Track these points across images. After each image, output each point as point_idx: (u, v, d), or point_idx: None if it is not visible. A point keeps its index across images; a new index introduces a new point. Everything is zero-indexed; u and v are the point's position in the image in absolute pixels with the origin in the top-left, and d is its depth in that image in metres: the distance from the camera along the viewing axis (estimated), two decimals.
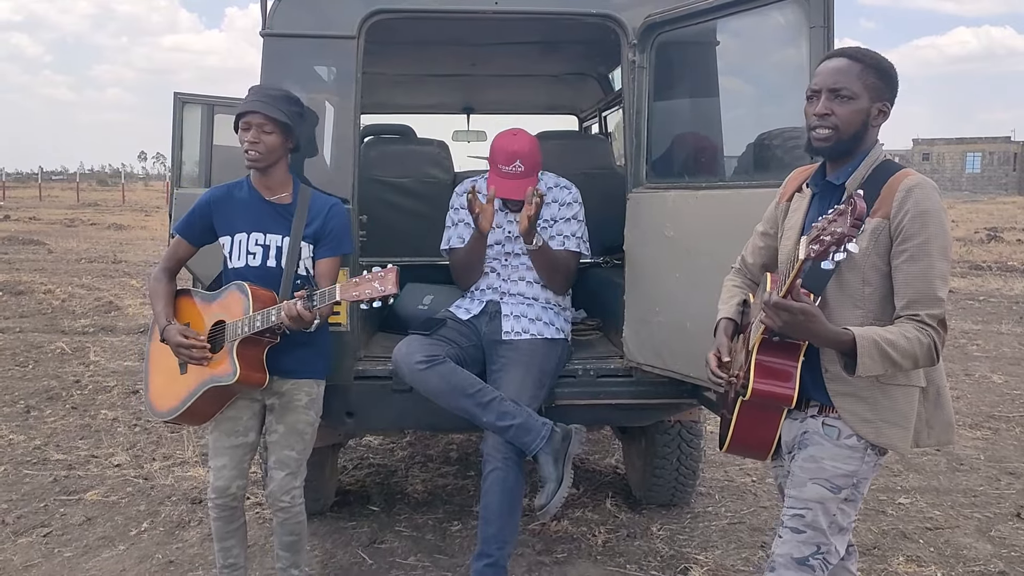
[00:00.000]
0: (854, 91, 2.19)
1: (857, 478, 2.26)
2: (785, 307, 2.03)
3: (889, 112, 2.24)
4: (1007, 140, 71.10)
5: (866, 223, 2.14)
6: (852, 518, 2.30)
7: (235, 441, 3.02)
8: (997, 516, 4.35)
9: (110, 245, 18.67)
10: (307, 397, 3.05)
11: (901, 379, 2.20)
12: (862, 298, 2.20)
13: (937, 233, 2.12)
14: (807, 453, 2.29)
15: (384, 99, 6.24)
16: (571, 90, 6.11)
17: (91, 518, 4.21)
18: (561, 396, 3.52)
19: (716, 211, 3.12)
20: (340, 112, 3.49)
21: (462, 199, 3.75)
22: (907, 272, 2.13)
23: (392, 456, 5.27)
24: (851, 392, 2.22)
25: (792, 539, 2.26)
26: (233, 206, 3.01)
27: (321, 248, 3.01)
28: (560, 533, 4.07)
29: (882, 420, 2.21)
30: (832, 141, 2.22)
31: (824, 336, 2.08)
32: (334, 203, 3.08)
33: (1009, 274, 14.30)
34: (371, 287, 2.65)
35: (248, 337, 2.83)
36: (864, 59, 2.22)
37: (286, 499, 3.06)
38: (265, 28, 3.39)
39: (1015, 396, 6.74)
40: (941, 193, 2.19)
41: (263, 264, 2.96)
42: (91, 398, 6.42)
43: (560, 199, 3.68)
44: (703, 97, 3.64)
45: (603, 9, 3.51)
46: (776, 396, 2.22)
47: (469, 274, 3.72)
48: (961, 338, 9.03)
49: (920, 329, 2.09)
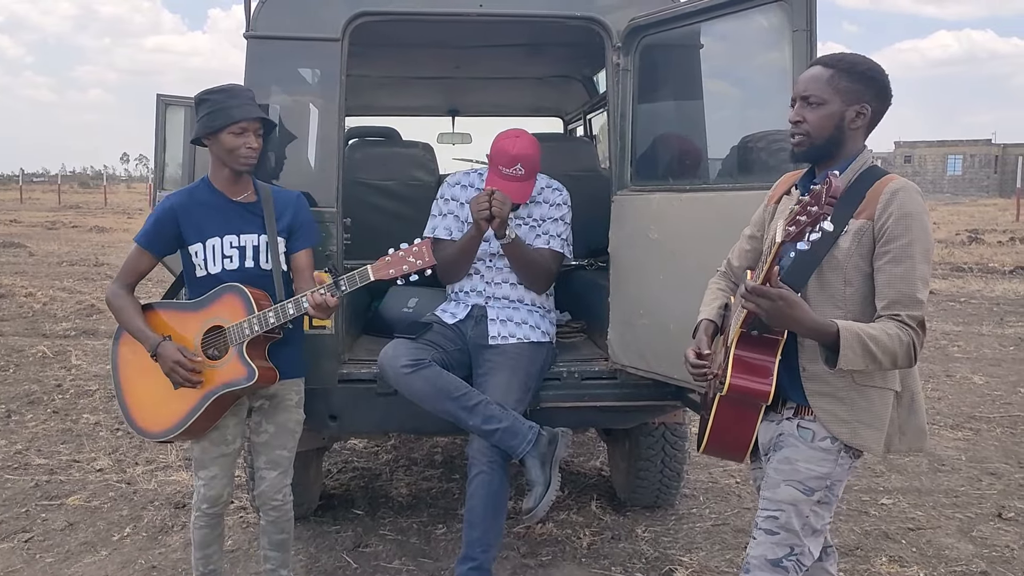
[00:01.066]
0: (823, 96, 2.23)
1: (831, 480, 2.27)
2: (763, 292, 2.03)
3: (868, 113, 2.25)
4: (988, 143, 71.77)
5: (850, 224, 2.18)
6: (826, 520, 2.31)
7: (224, 450, 3.00)
8: (978, 516, 4.38)
9: (92, 248, 18.54)
10: (296, 395, 3.06)
11: (878, 381, 2.22)
12: (843, 298, 2.22)
13: (920, 236, 2.14)
14: (782, 455, 2.31)
15: (369, 101, 6.23)
16: (556, 92, 6.12)
17: (73, 523, 4.18)
18: (546, 399, 3.52)
19: (700, 213, 3.13)
20: (324, 114, 3.48)
21: (454, 190, 3.74)
22: (889, 273, 2.15)
23: (376, 459, 5.26)
24: (828, 392, 2.24)
25: (766, 541, 2.28)
26: (198, 211, 2.93)
27: (295, 240, 2.99)
28: (545, 535, 4.07)
29: (858, 421, 2.23)
30: (805, 147, 2.28)
31: (807, 324, 2.08)
32: (298, 195, 3.08)
33: (990, 276, 14.42)
34: (407, 263, 2.69)
35: (253, 338, 2.81)
36: (837, 64, 2.25)
37: (279, 498, 3.05)
38: (249, 30, 3.38)
39: (996, 397, 6.80)
40: (924, 196, 2.21)
41: (241, 266, 2.93)
42: (73, 402, 6.37)
43: (551, 200, 3.69)
44: (687, 100, 3.65)
45: (587, 12, 3.52)
46: (753, 392, 2.23)
47: (457, 271, 3.70)
48: (942, 339, 9.10)
49: (901, 328, 2.11)
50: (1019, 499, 4.61)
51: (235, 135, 2.86)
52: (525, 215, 3.63)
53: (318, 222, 3.29)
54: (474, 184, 3.72)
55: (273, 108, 3.53)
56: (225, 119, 2.85)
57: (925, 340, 2.16)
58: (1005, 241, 20.64)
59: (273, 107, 3.53)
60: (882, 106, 2.27)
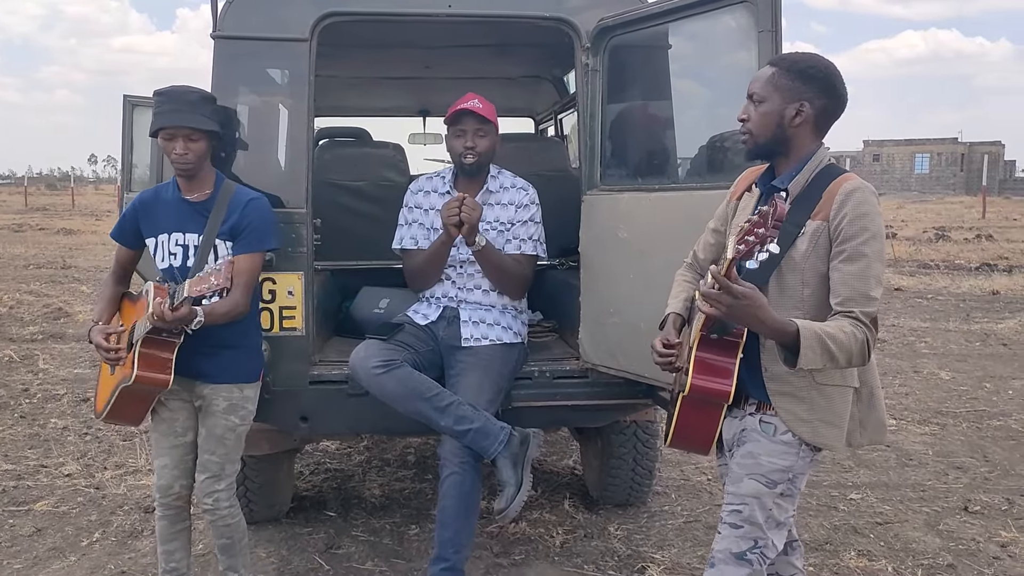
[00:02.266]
0: (762, 95, 2.28)
1: (792, 473, 2.30)
2: (728, 290, 2.03)
3: (809, 111, 2.25)
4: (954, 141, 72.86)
5: (807, 226, 2.21)
6: (790, 513, 2.35)
7: (174, 441, 3.01)
8: (945, 510, 4.45)
9: (59, 250, 18.28)
10: (225, 402, 2.99)
11: (837, 379, 2.25)
12: (801, 300, 2.25)
13: (874, 236, 2.17)
14: (745, 450, 2.34)
15: (338, 102, 6.20)
16: (526, 93, 6.13)
17: (41, 529, 4.13)
18: (518, 398, 3.53)
19: (669, 212, 3.15)
20: (293, 115, 3.46)
21: (417, 197, 3.73)
22: (844, 271, 2.17)
23: (349, 461, 5.24)
24: (789, 392, 2.27)
25: (730, 534, 2.31)
26: (157, 207, 3.00)
27: (239, 244, 2.94)
28: (518, 535, 4.07)
29: (819, 420, 2.26)
30: (750, 144, 2.33)
31: (768, 323, 2.08)
32: (253, 197, 3.00)
33: (956, 272, 14.62)
34: (208, 282, 2.62)
35: (152, 338, 2.79)
36: (780, 63, 2.29)
37: (208, 501, 3.03)
38: (216, 30, 3.36)
39: (962, 392, 6.90)
40: (898, 193, 2.23)
41: (183, 264, 2.94)
42: (40, 407, 6.29)
43: (517, 200, 3.66)
44: (656, 100, 3.67)
45: (556, 12, 3.53)
46: (713, 392, 2.26)
47: (426, 279, 3.69)
48: (910, 336, 9.23)
49: (855, 325, 2.13)
50: (984, 493, 4.68)
51: (166, 140, 2.88)
52: (492, 219, 3.62)
53: (287, 223, 3.28)
54: (437, 188, 3.71)
55: (242, 109, 3.51)
56: (155, 124, 2.89)
57: (878, 336, 2.19)
58: (971, 238, 20.93)
59: (242, 108, 3.51)
60: (830, 103, 2.28)
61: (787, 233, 2.21)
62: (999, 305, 11.34)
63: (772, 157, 2.34)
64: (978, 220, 28.85)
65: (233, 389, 3.01)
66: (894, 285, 13.07)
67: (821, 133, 2.31)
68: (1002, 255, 16.85)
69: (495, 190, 3.64)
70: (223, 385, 2.99)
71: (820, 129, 2.30)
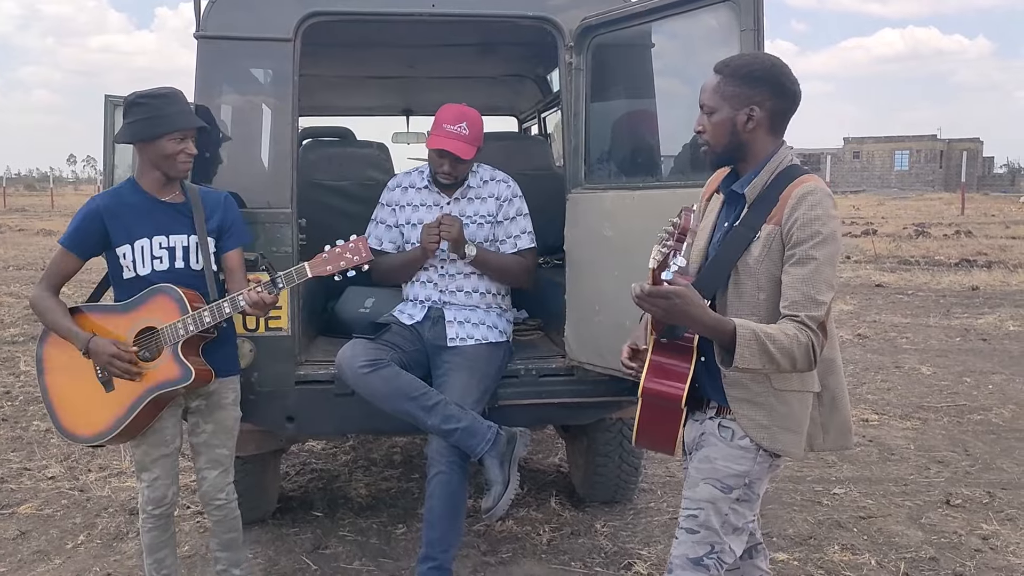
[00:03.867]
0: (712, 105, 2.25)
1: (749, 478, 2.27)
2: (656, 293, 1.99)
3: (760, 114, 2.22)
4: (933, 138, 73.42)
5: (762, 230, 2.19)
6: (748, 518, 2.31)
7: (164, 451, 2.98)
8: (927, 504, 4.49)
9: (39, 252, 18.12)
10: (232, 393, 3.05)
11: (795, 384, 2.22)
12: (756, 304, 2.21)
13: (825, 240, 2.13)
14: (702, 454, 2.32)
15: (322, 102, 6.19)
16: (510, 92, 6.14)
17: (25, 532, 4.10)
18: (504, 396, 3.54)
19: (653, 211, 3.15)
20: (277, 115, 3.46)
21: (393, 194, 3.73)
22: (793, 275, 2.14)
23: (335, 461, 5.23)
24: (747, 398, 2.24)
25: (687, 539, 2.28)
26: (127, 212, 2.90)
27: (226, 240, 2.98)
28: (505, 533, 4.09)
29: (777, 426, 2.24)
30: (709, 155, 2.32)
31: (703, 321, 2.05)
32: (226, 195, 3.06)
33: (936, 268, 14.74)
34: (344, 259, 2.70)
35: (188, 338, 2.79)
36: (724, 69, 2.26)
37: (222, 497, 3.05)
38: (199, 30, 3.34)
39: (943, 387, 6.97)
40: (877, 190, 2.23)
41: (172, 267, 2.91)
42: (22, 409, 6.24)
43: (499, 194, 3.66)
44: (640, 98, 3.69)
45: (539, 12, 3.54)
46: (665, 395, 2.23)
47: (394, 281, 3.77)
48: (891, 331, 9.30)
49: (800, 328, 2.09)
50: (966, 486, 4.73)
51: (175, 142, 2.84)
52: (472, 212, 3.62)
53: (272, 222, 3.28)
54: (415, 184, 3.70)
55: (225, 109, 3.50)
56: (167, 126, 2.83)
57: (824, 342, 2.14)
58: (951, 234, 21.11)
59: (225, 108, 3.50)
60: (780, 102, 2.24)
61: (743, 237, 2.22)
62: (978, 301, 11.45)
63: (734, 163, 2.32)
64: (957, 216, 29.08)
65: (235, 381, 3.08)
66: (875, 281, 13.19)
67: (778, 133, 2.28)
68: (981, 251, 17.01)
69: (475, 185, 3.65)
70: (229, 378, 3.04)
71: (775, 129, 2.27)
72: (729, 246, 2.25)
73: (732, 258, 2.22)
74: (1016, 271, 14.11)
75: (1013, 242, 19.40)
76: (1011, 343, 8.73)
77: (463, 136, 3.46)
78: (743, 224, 2.24)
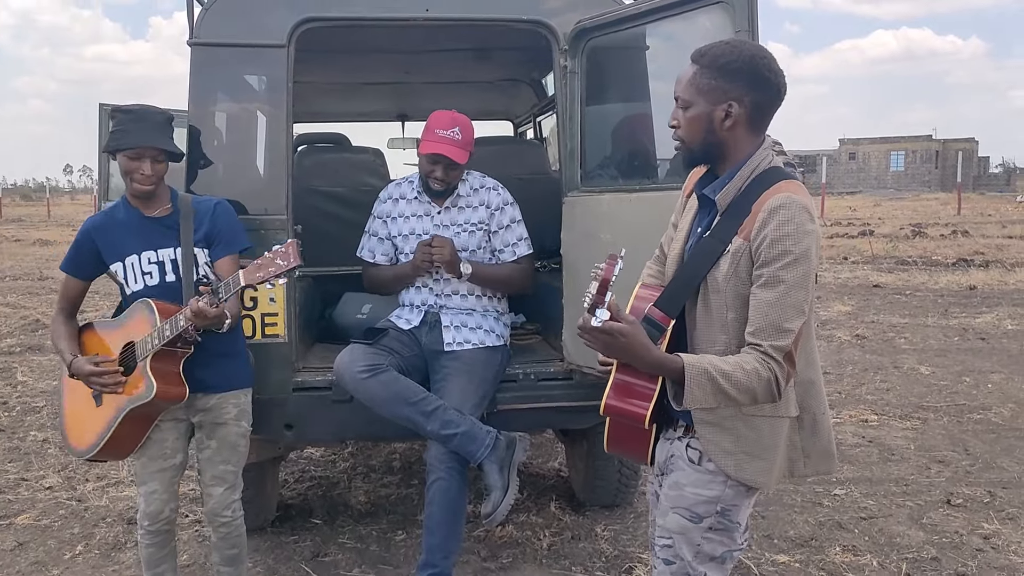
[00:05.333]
0: (687, 98, 2.06)
1: (721, 504, 2.10)
2: (598, 329, 1.88)
3: (739, 111, 2.02)
4: (929, 138, 73.55)
5: (731, 243, 2.01)
6: (729, 547, 2.15)
7: (163, 464, 2.96)
8: (928, 504, 4.48)
9: (36, 261, 18.11)
10: (235, 409, 3.00)
11: (767, 410, 2.05)
12: (725, 323, 2.04)
13: (797, 260, 1.93)
14: (672, 479, 2.18)
15: (317, 108, 6.18)
16: (505, 96, 6.14)
17: (23, 543, 4.08)
18: (503, 401, 3.53)
19: (650, 213, 3.15)
20: (272, 122, 3.45)
21: (384, 206, 3.73)
22: (759, 298, 1.96)
23: (334, 468, 5.22)
24: (714, 422, 2.07)
25: (664, 570, 2.17)
26: (116, 230, 2.92)
27: (216, 249, 2.95)
28: (505, 538, 4.07)
29: (744, 452, 2.07)
30: (684, 151, 2.12)
31: (646, 360, 1.93)
32: (218, 202, 3.02)
33: (934, 268, 14.75)
34: (275, 264, 2.59)
35: (161, 351, 2.76)
36: (701, 60, 2.06)
37: (227, 514, 3.02)
38: (193, 37, 3.34)
39: (942, 387, 6.96)
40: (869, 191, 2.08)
41: (162, 281, 2.90)
42: (19, 419, 6.22)
43: (490, 202, 3.65)
44: (635, 100, 3.69)
45: (534, 15, 3.54)
46: (628, 414, 2.06)
47: (386, 292, 3.80)
48: (889, 332, 9.30)
49: (761, 361, 1.92)
50: (967, 486, 4.72)
51: (129, 159, 2.83)
52: (462, 220, 3.62)
53: (268, 229, 3.26)
54: (405, 195, 3.70)
55: (220, 116, 3.49)
56: (122, 142, 2.83)
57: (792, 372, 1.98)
58: (947, 234, 21.13)
59: (220, 115, 3.50)
60: (761, 97, 2.04)
61: (712, 249, 2.04)
62: (976, 300, 11.45)
63: (711, 162, 2.12)
64: (954, 216, 29.13)
65: (240, 395, 3.02)
66: (872, 282, 13.19)
67: (759, 130, 2.07)
68: (978, 250, 17.02)
69: (464, 194, 3.64)
70: (231, 392, 3.00)
71: (756, 127, 2.06)
72: (697, 258, 2.08)
73: (699, 272, 2.06)
74: (1013, 270, 14.13)
75: (1010, 241, 19.43)
76: (1009, 342, 8.73)
77: (456, 141, 3.46)
78: (712, 235, 2.06)
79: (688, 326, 2.13)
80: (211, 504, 3.02)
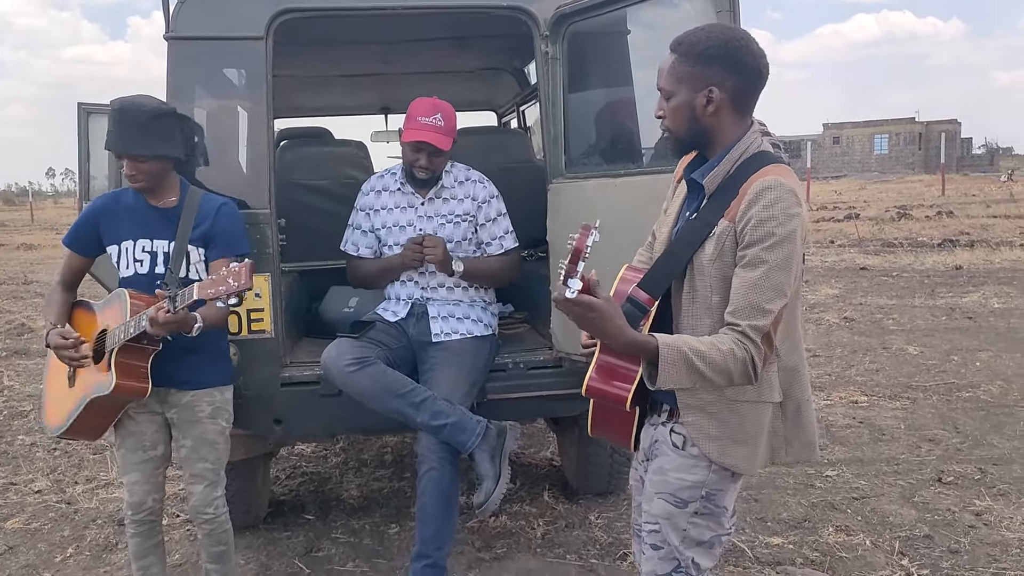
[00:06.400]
0: (669, 88, 2.05)
1: (706, 489, 2.10)
2: (572, 301, 1.86)
3: (720, 96, 2.01)
4: (911, 121, 73.82)
5: (717, 226, 2.01)
6: (715, 531, 2.14)
7: (143, 456, 2.95)
8: (919, 482, 4.50)
9: (20, 266, 17.98)
10: (210, 407, 2.96)
11: (751, 395, 2.04)
12: (710, 307, 2.03)
13: (780, 242, 1.93)
14: (656, 464, 2.17)
15: (299, 102, 6.14)
16: (487, 85, 6.11)
17: (13, 547, 4.05)
18: (492, 391, 3.51)
19: (635, 198, 3.15)
20: (252, 116, 3.41)
21: (367, 199, 3.71)
22: (741, 279, 1.95)
23: (325, 463, 5.20)
24: (698, 406, 2.07)
25: (653, 556, 2.17)
26: (118, 214, 2.92)
27: (213, 250, 2.92)
28: (499, 528, 4.06)
29: (728, 438, 2.07)
30: (671, 142, 2.12)
31: (619, 339, 1.92)
32: (223, 203, 2.98)
33: (919, 249, 14.82)
34: (226, 283, 2.54)
35: (128, 345, 2.73)
36: (679, 48, 2.05)
37: (209, 511, 3.00)
38: (169, 31, 3.30)
39: (931, 366, 6.99)
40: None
41: (151, 271, 2.88)
42: (7, 424, 6.17)
43: (476, 195, 3.64)
44: (618, 86, 3.67)
45: (513, 1, 3.51)
46: (609, 396, 2.05)
47: (370, 287, 3.77)
48: (877, 313, 9.34)
49: (737, 342, 1.92)
50: (957, 463, 4.74)
51: (117, 156, 2.86)
52: (447, 212, 3.61)
53: (251, 224, 3.23)
54: (388, 187, 3.67)
55: (199, 111, 3.45)
56: (106, 141, 2.84)
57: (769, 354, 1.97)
58: (932, 215, 21.25)
59: (199, 110, 3.45)
60: (742, 81, 2.02)
61: (698, 232, 2.04)
62: (962, 279, 11.51)
63: (700, 148, 2.12)
64: (938, 197, 29.28)
65: (215, 393, 2.98)
66: (859, 264, 13.25)
67: (744, 115, 2.06)
68: (963, 231, 17.12)
69: (449, 185, 3.62)
70: (204, 390, 2.96)
71: (741, 111, 2.05)
72: (682, 240, 2.08)
73: (685, 254, 2.05)
74: (998, 249, 14.20)
75: (994, 221, 19.54)
76: (996, 320, 8.78)
77: (439, 127, 3.44)
78: (699, 218, 2.06)
79: (674, 310, 2.11)
80: (193, 502, 3.00)
